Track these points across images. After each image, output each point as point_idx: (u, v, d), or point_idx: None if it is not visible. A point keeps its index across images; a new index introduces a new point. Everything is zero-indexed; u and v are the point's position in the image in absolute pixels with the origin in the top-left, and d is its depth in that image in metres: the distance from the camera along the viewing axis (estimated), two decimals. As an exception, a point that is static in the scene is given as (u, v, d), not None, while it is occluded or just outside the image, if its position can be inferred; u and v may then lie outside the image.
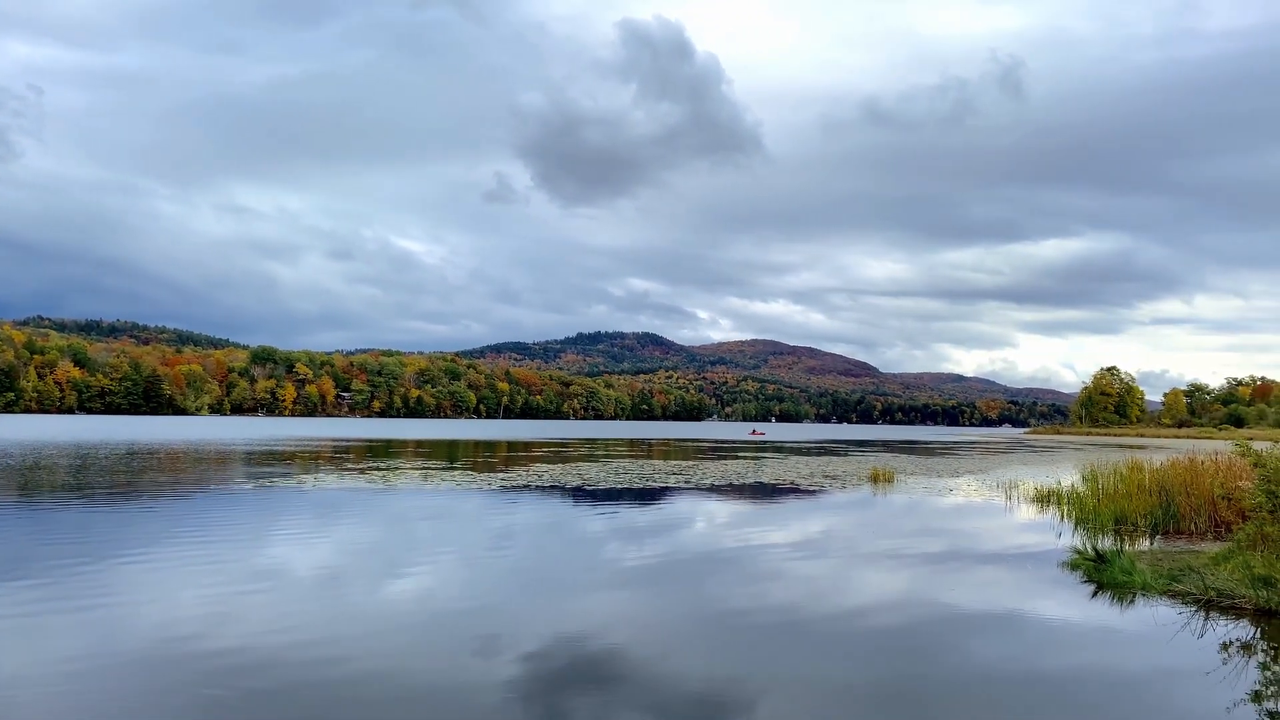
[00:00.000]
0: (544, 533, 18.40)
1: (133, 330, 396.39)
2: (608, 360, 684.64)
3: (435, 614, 10.86)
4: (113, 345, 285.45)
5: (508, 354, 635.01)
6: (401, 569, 14.05)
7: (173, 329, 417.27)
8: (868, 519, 22.40)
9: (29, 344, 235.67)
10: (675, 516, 21.83)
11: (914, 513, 23.78)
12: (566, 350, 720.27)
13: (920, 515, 23.20)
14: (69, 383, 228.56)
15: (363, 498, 24.33)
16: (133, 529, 17.74)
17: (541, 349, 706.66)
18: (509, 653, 9.17)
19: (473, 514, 21.31)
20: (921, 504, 25.93)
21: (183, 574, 13.16)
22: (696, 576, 13.84)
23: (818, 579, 13.81)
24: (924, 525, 21.01)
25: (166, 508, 21.54)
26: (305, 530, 18.21)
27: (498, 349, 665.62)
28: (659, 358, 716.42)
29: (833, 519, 22.22)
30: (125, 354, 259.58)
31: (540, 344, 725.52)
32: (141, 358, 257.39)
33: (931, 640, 10.15)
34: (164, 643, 9.25)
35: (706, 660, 9.16)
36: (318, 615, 10.68)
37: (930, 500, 27.04)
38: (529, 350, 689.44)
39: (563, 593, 12.42)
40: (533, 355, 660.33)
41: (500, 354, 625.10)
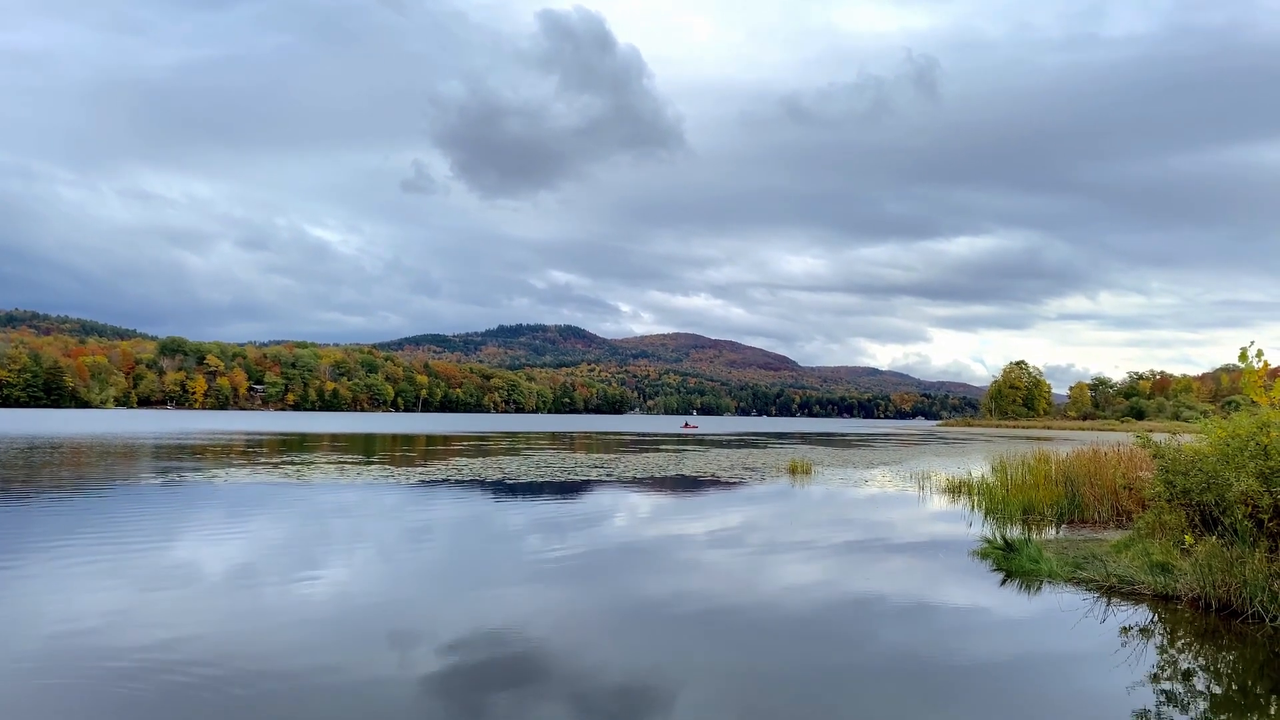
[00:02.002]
0: (464, 527, 18.20)
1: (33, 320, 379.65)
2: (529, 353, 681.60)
3: (351, 610, 10.65)
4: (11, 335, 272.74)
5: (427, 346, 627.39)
6: (316, 565, 13.75)
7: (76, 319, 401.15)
8: (786, 510, 22.70)
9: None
10: (596, 510, 21.82)
11: (830, 504, 24.18)
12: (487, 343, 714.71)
13: (836, 506, 23.61)
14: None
15: (276, 492, 23.74)
16: (32, 526, 17.00)
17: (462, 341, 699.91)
18: (427, 649, 9.04)
19: (390, 509, 20.97)
20: (838, 495, 26.40)
21: (85, 573, 12.66)
22: (617, 569, 13.85)
23: (736, 569, 13.94)
24: (840, 516, 21.39)
25: (69, 504, 20.70)
26: (216, 526, 17.69)
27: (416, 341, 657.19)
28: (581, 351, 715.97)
29: (752, 510, 22.46)
30: (24, 344, 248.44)
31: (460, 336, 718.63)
32: (42, 348, 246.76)
33: (846, 628, 10.33)
34: (63, 642, 8.89)
35: (626, 651, 9.17)
36: (228, 613, 10.38)
37: (846, 491, 27.54)
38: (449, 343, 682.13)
39: (482, 587, 12.30)
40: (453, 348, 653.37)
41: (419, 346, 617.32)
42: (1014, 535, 15.81)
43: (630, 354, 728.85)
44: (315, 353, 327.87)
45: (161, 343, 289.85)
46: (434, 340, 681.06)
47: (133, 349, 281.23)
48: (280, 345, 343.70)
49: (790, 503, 24.50)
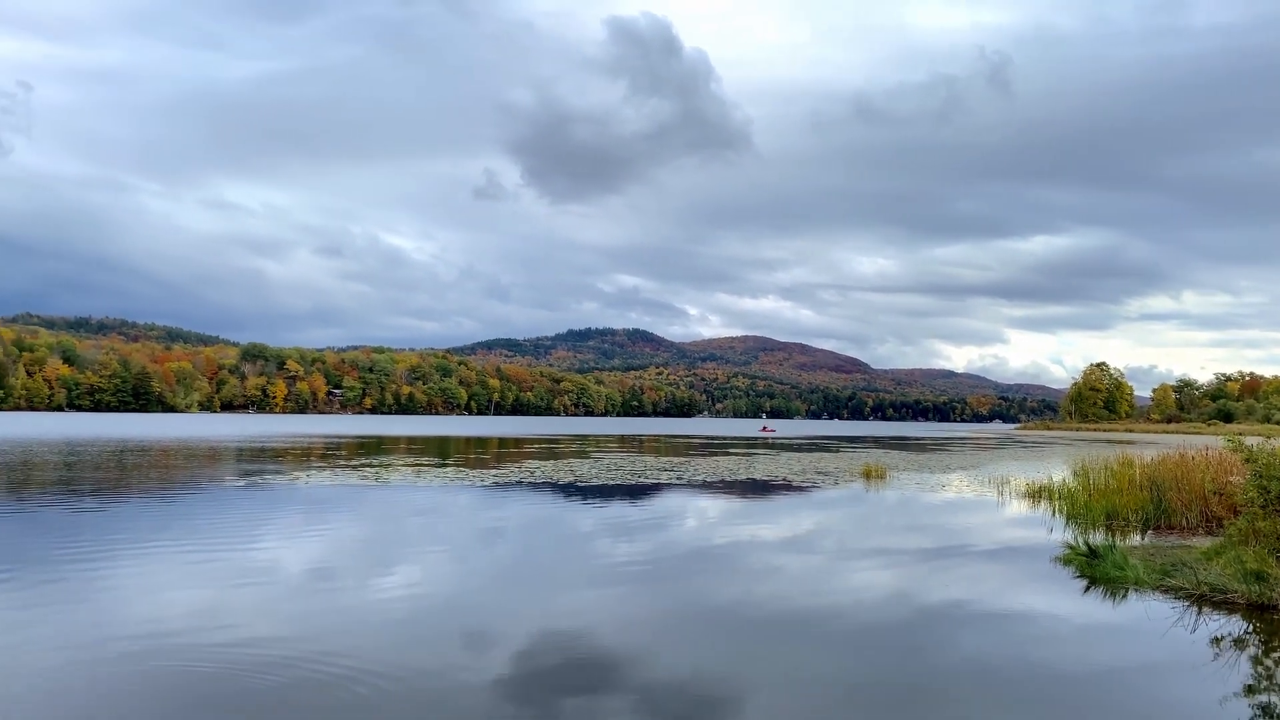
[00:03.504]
0: (535, 529, 18.33)
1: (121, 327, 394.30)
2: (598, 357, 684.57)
3: (426, 610, 10.79)
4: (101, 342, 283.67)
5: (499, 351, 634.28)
6: (392, 565, 13.97)
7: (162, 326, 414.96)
8: (859, 515, 22.39)
9: (18, 341, 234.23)
10: (666, 513, 21.78)
11: (906, 509, 23.78)
12: (557, 347, 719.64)
13: (912, 511, 23.20)
14: (58, 380, 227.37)
15: (354, 494, 24.22)
16: (123, 527, 17.60)
17: (532, 345, 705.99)
18: (499, 649, 9.10)
19: (464, 510, 21.23)
20: (913, 500, 25.95)
21: (172, 571, 13.05)
22: (687, 572, 13.79)
23: (809, 575, 13.77)
24: (916, 521, 21.01)
25: (157, 505, 21.40)
26: (296, 527, 18.10)
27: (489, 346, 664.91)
28: (649, 354, 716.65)
29: (824, 515, 22.20)
30: (114, 351, 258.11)
31: (531, 340, 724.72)
32: (131, 355, 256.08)
33: (923, 636, 10.12)
34: (152, 640, 9.16)
35: (697, 656, 9.11)
36: (307, 612, 10.59)
37: (922, 496, 27.05)
38: (520, 347, 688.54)
39: (553, 589, 12.35)
40: (523, 352, 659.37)
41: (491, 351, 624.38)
42: (1097, 541, 15.33)
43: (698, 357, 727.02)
44: (391, 357, 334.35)
45: (243, 348, 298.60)
46: (505, 344, 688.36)
47: (216, 355, 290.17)
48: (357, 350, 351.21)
49: (864, 507, 24.16)
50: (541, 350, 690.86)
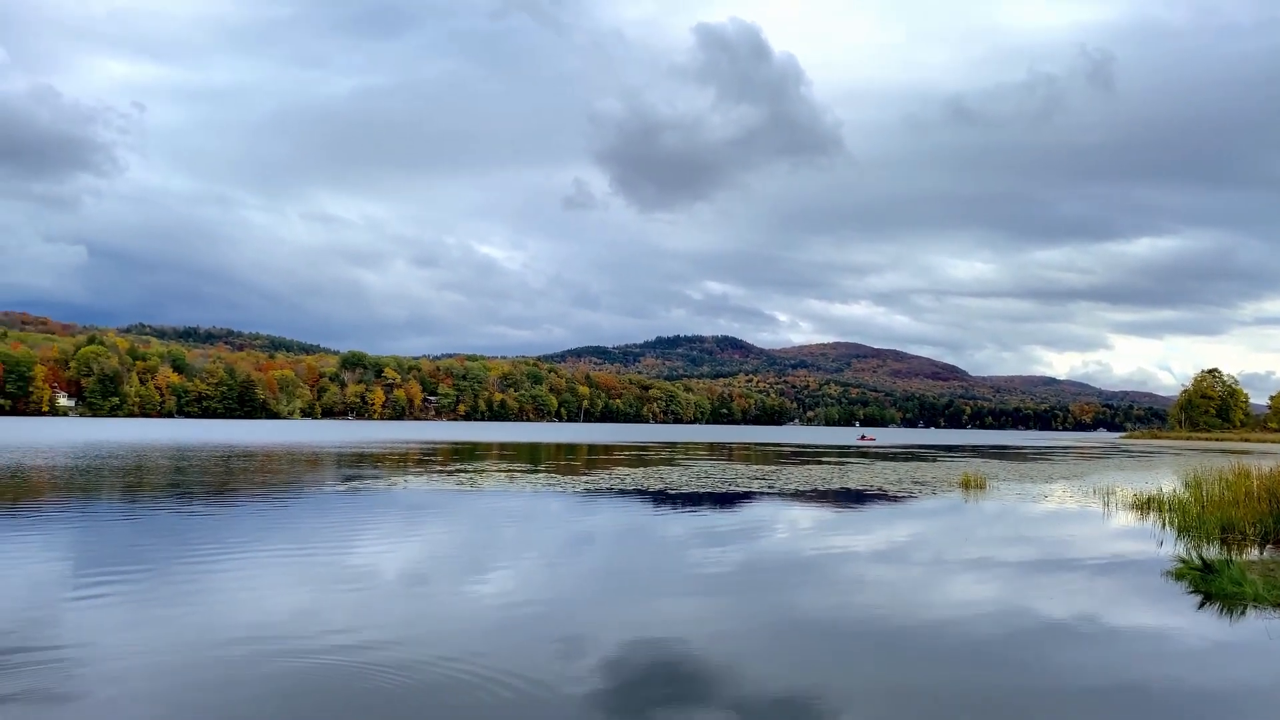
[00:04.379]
0: (625, 536, 18.38)
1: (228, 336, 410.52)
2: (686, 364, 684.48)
3: (520, 616, 10.90)
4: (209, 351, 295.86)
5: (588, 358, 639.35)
6: (486, 570, 14.17)
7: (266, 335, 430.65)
8: (957, 526, 21.84)
9: (131, 350, 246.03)
10: (757, 521, 21.60)
11: (1006, 519, 23.10)
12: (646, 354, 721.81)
13: (1013, 522, 22.53)
14: (169, 387, 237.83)
15: (449, 499, 24.67)
16: (230, 530, 18.27)
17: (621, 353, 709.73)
18: (590, 655, 9.13)
19: (555, 516, 21.42)
20: (1013, 510, 25.19)
21: (276, 573, 13.48)
22: (778, 582, 13.63)
23: (903, 586, 13.48)
24: (1017, 532, 20.39)
25: (260, 509, 22.16)
26: (394, 531, 18.52)
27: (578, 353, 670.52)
28: (738, 361, 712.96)
29: (920, 526, 21.72)
30: (221, 360, 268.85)
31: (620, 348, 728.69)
32: (236, 363, 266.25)
33: (1025, 651, 9.78)
34: (256, 640, 9.46)
35: (788, 667, 8.98)
36: (404, 616, 10.81)
37: (1023, 507, 26.24)
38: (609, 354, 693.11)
39: (644, 596, 12.35)
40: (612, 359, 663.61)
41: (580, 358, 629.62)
42: (1212, 555, 14.63)
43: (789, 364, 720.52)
44: (484, 365, 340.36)
45: (343, 357, 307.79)
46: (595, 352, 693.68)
47: (317, 363, 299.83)
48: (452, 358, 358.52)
49: (962, 518, 23.56)
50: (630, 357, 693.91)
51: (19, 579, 12.61)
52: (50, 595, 11.59)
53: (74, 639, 9.34)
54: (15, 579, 12.61)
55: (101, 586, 12.14)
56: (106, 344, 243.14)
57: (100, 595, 11.60)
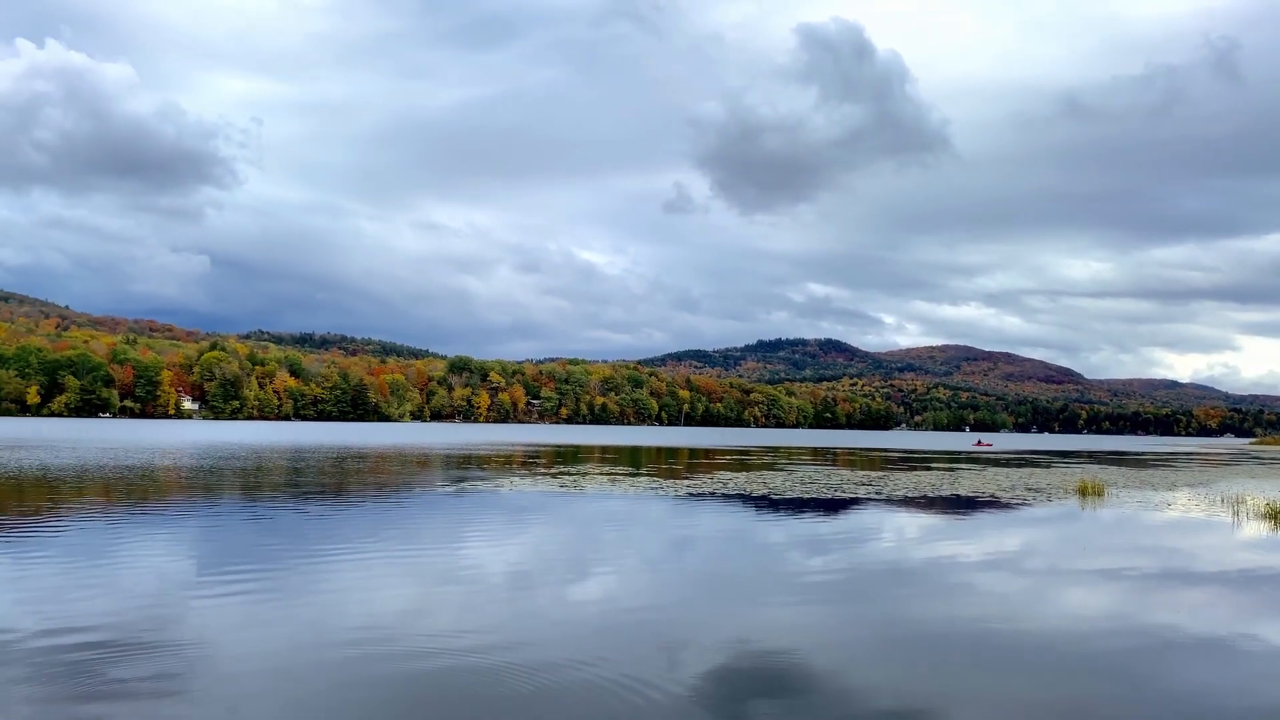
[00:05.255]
0: (727, 541, 18.29)
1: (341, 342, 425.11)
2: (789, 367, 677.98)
3: (621, 618, 10.95)
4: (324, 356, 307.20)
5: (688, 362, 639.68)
6: (588, 572, 14.29)
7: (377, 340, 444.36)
8: (1072, 534, 21.04)
9: (251, 356, 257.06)
10: (862, 528, 21.23)
11: (1125, 528, 22.15)
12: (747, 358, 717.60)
13: (1132, 531, 21.58)
14: (286, 391, 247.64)
15: (553, 501, 24.99)
16: (342, 528, 18.89)
17: (722, 356, 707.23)
18: (693, 661, 9.10)
19: (657, 519, 21.46)
20: (1133, 519, 24.13)
21: (386, 572, 13.86)
22: (883, 589, 13.36)
23: (1014, 596, 13.04)
24: (1136, 542, 19.53)
25: (372, 508, 22.84)
26: (499, 531, 18.85)
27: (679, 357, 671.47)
28: (842, 364, 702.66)
29: (1033, 533, 21.01)
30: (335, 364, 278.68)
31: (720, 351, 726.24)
32: (350, 368, 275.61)
33: (1145, 666, 9.34)
34: (366, 637, 9.73)
35: (895, 678, 8.78)
36: (508, 615, 10.98)
37: (1143, 515, 25.11)
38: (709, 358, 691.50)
39: (745, 601, 12.26)
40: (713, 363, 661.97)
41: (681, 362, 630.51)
42: (1354, 571, 13.73)
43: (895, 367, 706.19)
44: (586, 369, 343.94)
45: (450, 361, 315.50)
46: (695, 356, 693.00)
47: (425, 367, 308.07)
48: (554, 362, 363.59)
49: (1078, 526, 22.69)
50: (731, 361, 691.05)
51: (147, 575, 13.28)
52: (175, 591, 12.17)
53: (196, 634, 9.78)
54: (143, 575, 13.28)
55: (222, 584, 12.69)
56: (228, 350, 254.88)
57: (221, 592, 12.13)
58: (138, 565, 13.95)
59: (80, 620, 10.10)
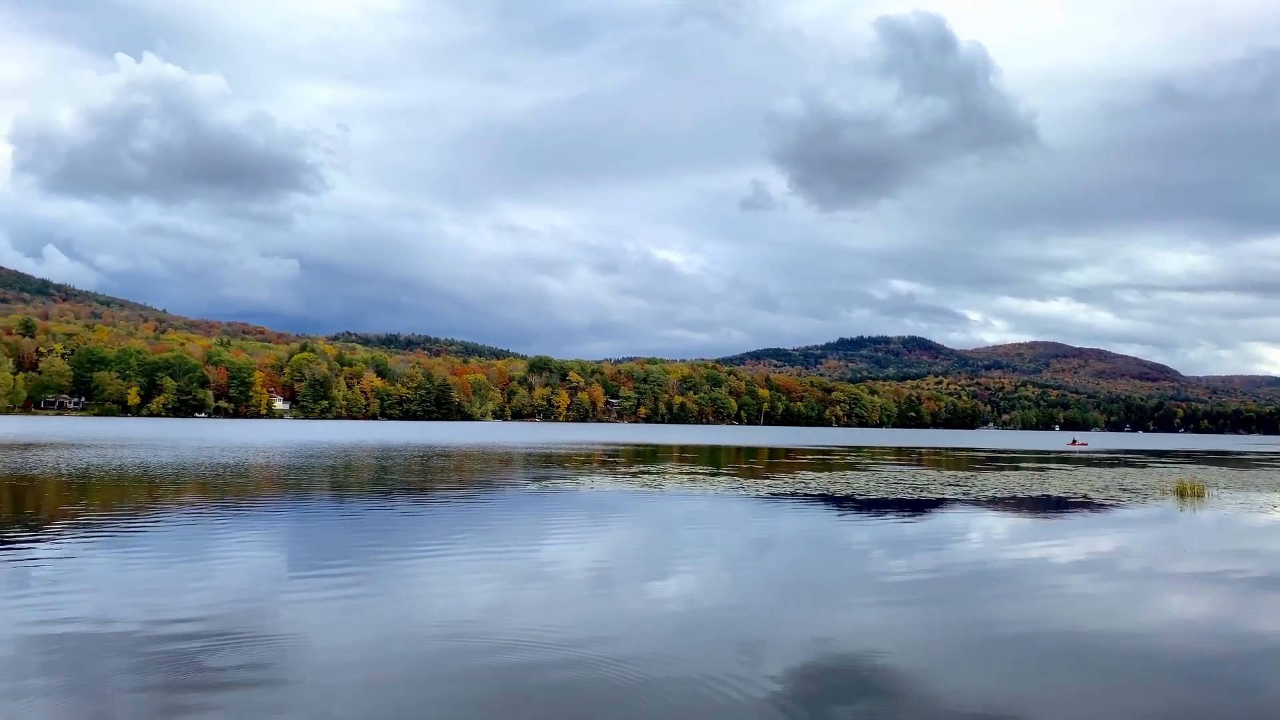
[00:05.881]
0: (808, 541, 18.11)
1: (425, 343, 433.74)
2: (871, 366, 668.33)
3: (701, 617, 10.93)
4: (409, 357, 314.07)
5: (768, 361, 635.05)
6: (668, 571, 14.30)
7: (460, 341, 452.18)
8: (1169, 536, 20.29)
9: (339, 357, 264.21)
10: (948, 529, 20.82)
11: (1226, 531, 21.27)
12: (828, 356, 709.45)
13: (1233, 534, 20.72)
14: (373, 391, 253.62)
15: (633, 500, 25.07)
16: (427, 525, 19.26)
17: (802, 355, 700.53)
18: (773, 661, 9.04)
19: (737, 519, 21.37)
20: (1235, 521, 23.15)
21: (469, 568, 14.08)
22: (970, 592, 13.06)
23: (1107, 599, 12.63)
24: (1239, 545, 18.74)
25: (456, 506, 23.23)
26: (579, 530, 19.00)
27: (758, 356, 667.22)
28: (927, 362, 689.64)
29: (1128, 536, 20.32)
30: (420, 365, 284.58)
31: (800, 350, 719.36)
32: (433, 368, 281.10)
33: (1245, 673, 8.95)
34: (452, 631, 9.91)
35: (981, 680, 8.58)
36: (589, 613, 11.05)
37: (1247, 517, 24.08)
38: (789, 356, 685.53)
39: (827, 602, 12.13)
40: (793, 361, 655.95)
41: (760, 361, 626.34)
42: None
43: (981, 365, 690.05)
44: (664, 369, 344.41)
45: (530, 361, 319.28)
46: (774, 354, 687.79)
47: (506, 367, 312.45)
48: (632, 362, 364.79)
49: (1175, 528, 21.87)
50: (811, 359, 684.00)
51: (242, 570, 13.74)
52: (269, 585, 12.56)
53: (289, 627, 10.08)
54: (239, 569, 13.74)
55: (314, 579, 13.06)
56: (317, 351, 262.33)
57: (313, 587, 12.48)
58: (233, 560, 14.44)
59: (180, 613, 10.51)
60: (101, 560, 14.02)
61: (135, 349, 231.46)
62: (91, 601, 11.01)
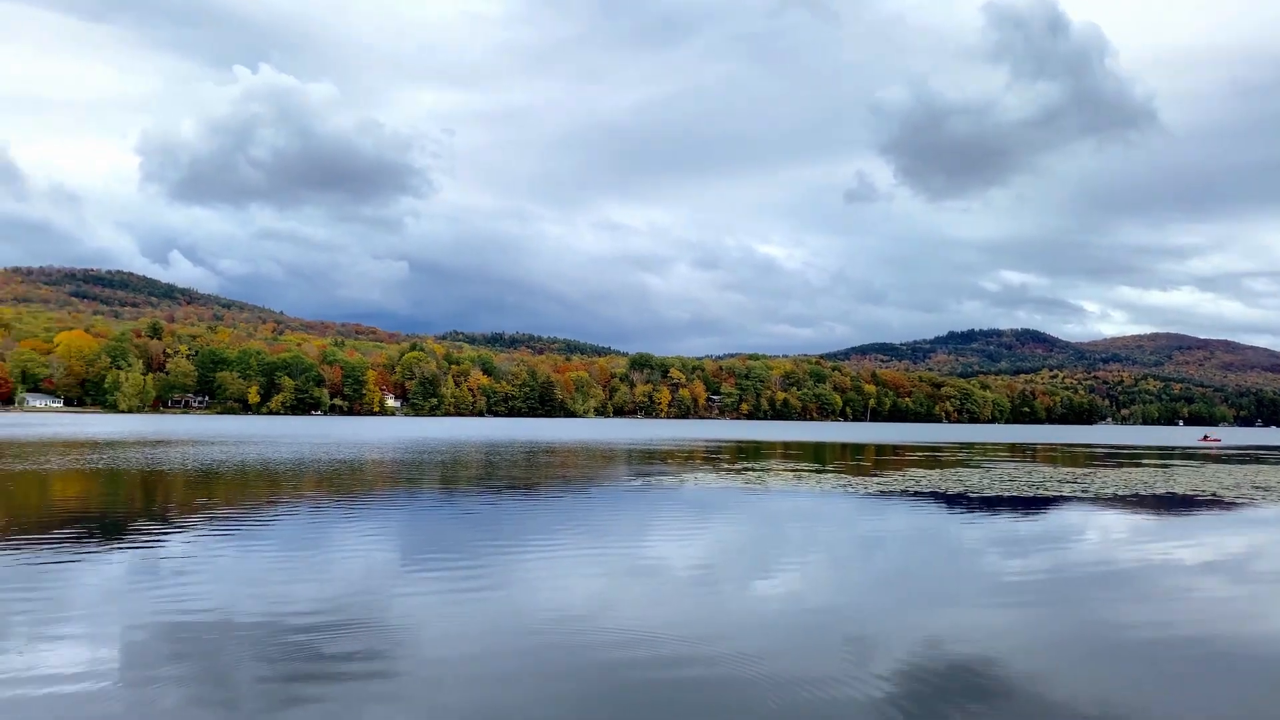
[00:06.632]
0: (919, 539, 17.70)
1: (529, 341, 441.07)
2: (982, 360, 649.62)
3: (804, 614, 10.80)
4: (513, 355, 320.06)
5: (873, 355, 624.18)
6: (772, 568, 14.17)
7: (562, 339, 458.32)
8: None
9: (447, 356, 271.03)
10: (1065, 527, 20.07)
11: (1372, 533, 19.92)
12: (936, 350, 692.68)
13: (1381, 536, 19.39)
14: (479, 389, 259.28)
15: (737, 497, 24.94)
16: (533, 519, 19.55)
17: (909, 349, 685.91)
18: (882, 661, 8.86)
19: (844, 517, 21.05)
20: (1382, 523, 21.66)
21: (574, 562, 14.23)
22: (1088, 593, 12.55)
23: (1239, 604, 11.98)
24: (1387, 548, 17.52)
25: (561, 502, 23.52)
26: (683, 526, 18.99)
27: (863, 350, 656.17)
28: (1041, 356, 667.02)
29: (1262, 536, 19.24)
30: (524, 363, 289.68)
31: (908, 344, 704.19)
32: (537, 366, 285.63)
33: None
34: (557, 624, 10.02)
35: (1103, 688, 8.23)
36: (692, 609, 11.03)
37: (1394, 518, 22.50)
38: (896, 351, 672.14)
39: (939, 603, 11.82)
40: (900, 356, 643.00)
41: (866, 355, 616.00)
42: None
43: (1099, 358, 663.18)
44: (766, 364, 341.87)
45: (631, 358, 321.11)
46: (881, 349, 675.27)
47: (608, 365, 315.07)
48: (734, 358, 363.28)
49: (1313, 529, 20.59)
50: (919, 354, 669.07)
51: (356, 561, 14.18)
52: (381, 577, 12.94)
53: (401, 619, 10.36)
54: (353, 561, 14.19)
55: (424, 571, 13.39)
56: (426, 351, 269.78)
57: (423, 578, 12.80)
58: (349, 553, 14.92)
59: (299, 604, 10.91)
60: (226, 552, 14.67)
61: (255, 350, 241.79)
62: (216, 592, 11.52)
